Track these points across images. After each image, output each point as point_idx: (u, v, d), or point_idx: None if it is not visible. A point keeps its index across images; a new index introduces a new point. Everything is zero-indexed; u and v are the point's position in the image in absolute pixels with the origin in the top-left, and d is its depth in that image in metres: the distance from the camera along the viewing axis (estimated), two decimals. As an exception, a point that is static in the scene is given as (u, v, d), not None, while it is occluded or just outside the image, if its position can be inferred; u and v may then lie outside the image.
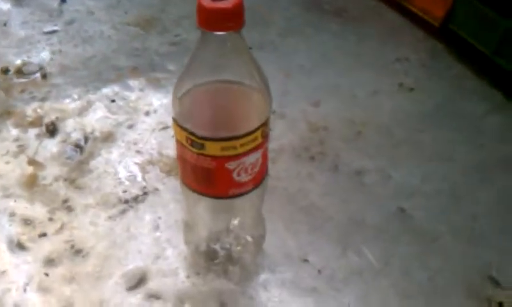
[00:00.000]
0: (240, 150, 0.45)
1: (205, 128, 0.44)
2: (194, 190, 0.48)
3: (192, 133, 0.45)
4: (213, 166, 0.45)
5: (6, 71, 0.75)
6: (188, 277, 0.54)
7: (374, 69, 0.79)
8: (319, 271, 0.55)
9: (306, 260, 0.56)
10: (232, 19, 0.42)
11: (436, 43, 0.84)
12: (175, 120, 0.46)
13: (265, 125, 0.46)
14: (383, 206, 0.61)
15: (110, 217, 0.59)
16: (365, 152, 0.67)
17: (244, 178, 0.47)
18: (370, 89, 0.76)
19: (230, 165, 0.46)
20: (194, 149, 0.45)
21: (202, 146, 0.45)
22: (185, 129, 0.45)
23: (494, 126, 0.71)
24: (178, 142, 0.47)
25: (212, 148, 0.44)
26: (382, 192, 0.63)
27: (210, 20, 0.42)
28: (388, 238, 0.58)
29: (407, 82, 0.77)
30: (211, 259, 0.55)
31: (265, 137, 0.47)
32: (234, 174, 0.46)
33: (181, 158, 0.48)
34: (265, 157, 0.48)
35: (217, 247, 0.55)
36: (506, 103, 0.74)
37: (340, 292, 0.53)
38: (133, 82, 0.75)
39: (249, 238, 0.56)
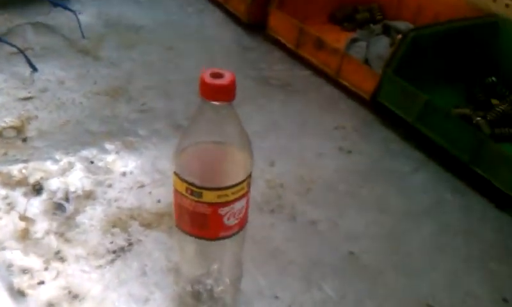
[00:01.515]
0: (232, 197, 0.55)
1: (203, 180, 0.54)
2: (189, 234, 0.57)
3: (192, 184, 0.54)
4: (209, 212, 0.55)
5: (-13, 135, 0.81)
6: (177, 314, 0.62)
7: (317, 135, 0.93)
8: (289, 305, 0.65)
9: (277, 297, 0.65)
10: (226, 93, 0.53)
11: (367, 112, 0.99)
12: (176, 174, 0.55)
13: (249, 177, 0.57)
14: (336, 249, 0.73)
15: (101, 266, 0.66)
16: (316, 204, 0.79)
17: (232, 221, 0.57)
18: (316, 152, 0.89)
19: (222, 211, 0.55)
20: (193, 198, 0.55)
21: (200, 195, 0.54)
22: (185, 181, 0.55)
23: (418, 180, 0.86)
24: (178, 192, 0.56)
25: (209, 196, 0.54)
26: (333, 237, 0.74)
27: (210, 92, 0.53)
28: (342, 275, 0.69)
29: (345, 146, 0.91)
30: (196, 299, 0.63)
31: (249, 187, 0.57)
32: (225, 219, 0.56)
33: (179, 206, 0.57)
34: (247, 203, 0.58)
35: (200, 288, 0.64)
36: (427, 162, 0.89)
37: (307, 322, 0.63)
38: (109, 146, 0.83)
39: (227, 280, 0.65)
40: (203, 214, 0.56)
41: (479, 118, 0.96)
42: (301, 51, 1.08)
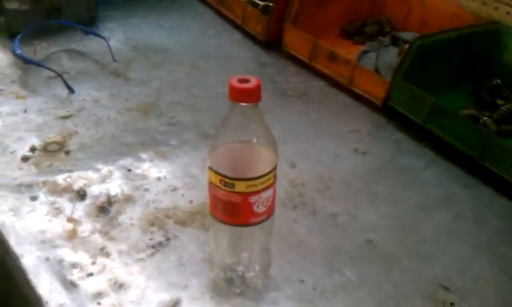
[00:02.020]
0: (260, 187, 0.62)
1: (234, 172, 0.62)
2: (223, 222, 0.65)
3: (225, 176, 0.62)
4: (240, 201, 0.62)
5: (33, 150, 0.90)
6: (212, 298, 0.69)
7: (333, 139, 1.00)
8: (314, 288, 0.71)
9: (302, 281, 0.72)
10: (252, 95, 0.61)
11: (380, 117, 1.06)
12: (210, 168, 0.63)
13: (275, 169, 0.64)
14: (354, 238, 0.79)
15: (142, 259, 0.73)
16: (334, 200, 0.86)
17: (261, 209, 0.64)
18: (332, 154, 0.96)
19: (252, 199, 0.63)
20: (226, 188, 0.62)
21: (232, 185, 0.62)
22: (219, 173, 0.62)
23: (429, 176, 0.92)
24: (212, 184, 0.63)
25: (240, 186, 0.62)
26: (352, 228, 0.81)
27: (238, 95, 0.61)
28: (361, 261, 0.75)
29: (360, 148, 0.98)
30: (230, 284, 0.70)
31: (275, 178, 0.65)
32: (254, 207, 0.63)
33: (213, 197, 0.64)
34: (274, 193, 0.65)
35: (232, 274, 0.70)
36: (437, 159, 0.96)
37: (330, 302, 0.69)
38: (143, 155, 0.91)
39: (257, 267, 0.71)
40: (235, 203, 0.63)
41: (485, 118, 1.02)
42: (315, 64, 1.16)
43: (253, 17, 1.29)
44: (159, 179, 0.87)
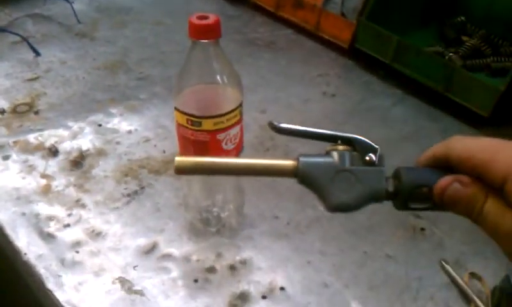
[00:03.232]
0: (227, 124, 0.63)
1: (201, 111, 0.62)
2: (194, 163, 0.65)
3: (192, 115, 0.62)
4: (208, 139, 0.63)
5: (2, 112, 0.89)
6: (190, 239, 0.70)
7: (302, 84, 1.01)
8: (288, 223, 0.73)
9: (276, 217, 0.73)
10: (212, 31, 0.61)
11: (347, 60, 1.07)
12: (176, 108, 0.63)
13: (240, 106, 0.65)
14: (327, 175, 0.80)
15: (118, 208, 0.74)
16: (305, 142, 0.86)
17: (230, 146, 0.65)
18: (302, 98, 0.97)
19: (220, 136, 0.63)
20: (193, 127, 0.63)
21: (200, 124, 0.62)
22: (186, 113, 0.62)
23: (398, 113, 0.94)
24: (180, 125, 0.64)
25: (207, 124, 0.62)
26: (324, 166, 0.82)
27: (198, 32, 0.61)
28: (333, 195, 0.77)
29: (329, 91, 0.99)
30: (206, 224, 0.71)
31: (241, 115, 0.65)
32: (223, 144, 0.64)
33: (182, 137, 0.65)
34: (242, 131, 0.66)
35: (209, 215, 0.72)
36: (405, 97, 0.97)
37: (305, 235, 0.71)
38: (113, 110, 0.91)
39: (231, 206, 0.73)
40: (203, 142, 0.63)
41: (451, 54, 1.04)
42: (282, 12, 1.16)
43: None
44: (130, 132, 0.87)
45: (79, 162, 0.80)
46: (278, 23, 1.17)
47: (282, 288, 0.64)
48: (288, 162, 0.49)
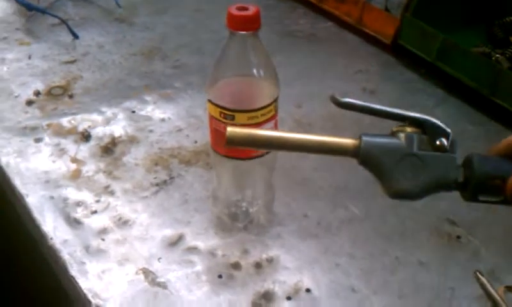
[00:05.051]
0: (261, 119, 0.61)
1: (235, 104, 0.60)
2: (224, 156, 0.64)
3: (224, 108, 0.61)
4: (240, 132, 0.61)
5: (37, 94, 0.89)
6: (216, 233, 0.68)
7: (342, 79, 0.98)
8: (318, 223, 0.70)
9: (306, 216, 0.71)
10: (251, 22, 0.59)
11: (389, 56, 1.03)
12: (210, 101, 0.62)
13: (276, 101, 0.63)
14: (361, 176, 0.77)
15: (146, 197, 0.73)
16: (342, 136, 0.84)
17: (263, 143, 0.63)
18: (340, 93, 0.94)
19: (253, 132, 0.62)
20: (226, 121, 0.61)
21: (233, 117, 0.60)
22: (219, 106, 0.61)
23: (439, 114, 0.89)
24: (212, 117, 0.62)
25: (240, 118, 0.60)
26: (359, 166, 0.79)
27: (237, 23, 0.59)
28: (366, 196, 0.74)
29: (369, 87, 0.96)
30: (233, 219, 0.70)
31: (276, 111, 0.63)
32: (256, 140, 0.62)
33: (214, 130, 0.63)
34: (276, 126, 0.64)
35: (236, 210, 0.70)
36: (448, 97, 0.93)
37: (335, 236, 0.69)
38: (147, 97, 0.90)
39: (260, 202, 0.71)
40: (235, 135, 0.62)
41: (498, 55, 0.99)
42: (324, 5, 1.13)
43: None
44: (163, 120, 0.86)
45: (110, 148, 0.80)
46: (319, 16, 1.14)
47: (308, 290, 0.62)
48: (349, 141, 0.45)
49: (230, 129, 0.45)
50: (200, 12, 1.16)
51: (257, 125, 0.62)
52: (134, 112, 0.87)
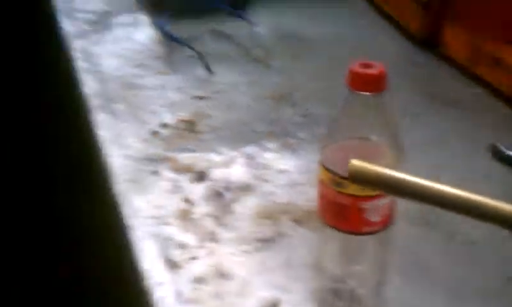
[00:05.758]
0: (375, 192, 0.54)
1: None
2: (331, 226, 0.58)
3: (335, 174, 0.55)
4: (350, 203, 0.55)
5: (163, 125, 0.90)
6: (315, 308, 0.62)
7: (487, 156, 0.86)
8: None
9: (419, 310, 0.62)
10: (375, 83, 0.54)
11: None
12: (321, 163, 0.57)
13: (396, 170, 0.56)
14: (496, 275, 0.67)
15: (249, 252, 0.69)
16: (477, 224, 0.73)
17: (375, 217, 0.56)
18: (483, 172, 0.83)
19: (365, 205, 0.55)
20: (335, 188, 0.55)
21: (343, 185, 0.54)
22: (330, 170, 0.55)
23: None
24: (322, 182, 0.57)
25: (353, 188, 0.54)
26: (494, 262, 0.69)
27: (359, 83, 0.53)
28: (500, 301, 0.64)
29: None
30: (336, 296, 0.63)
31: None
32: (367, 214, 0.56)
33: (323, 196, 0.58)
34: (394, 203, 0.57)
35: (341, 287, 0.63)
36: None
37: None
38: (269, 145, 0.87)
39: (369, 283, 0.63)
40: (345, 205, 0.56)
41: None
42: (476, 69, 1.03)
43: (408, 10, 1.18)
44: (281, 171, 0.82)
45: (222, 193, 0.77)
46: (467, 80, 1.04)
47: None
48: None
49: (354, 162, 0.39)
50: (337, 61, 1.11)
51: (371, 199, 0.55)
52: (253, 158, 0.84)
